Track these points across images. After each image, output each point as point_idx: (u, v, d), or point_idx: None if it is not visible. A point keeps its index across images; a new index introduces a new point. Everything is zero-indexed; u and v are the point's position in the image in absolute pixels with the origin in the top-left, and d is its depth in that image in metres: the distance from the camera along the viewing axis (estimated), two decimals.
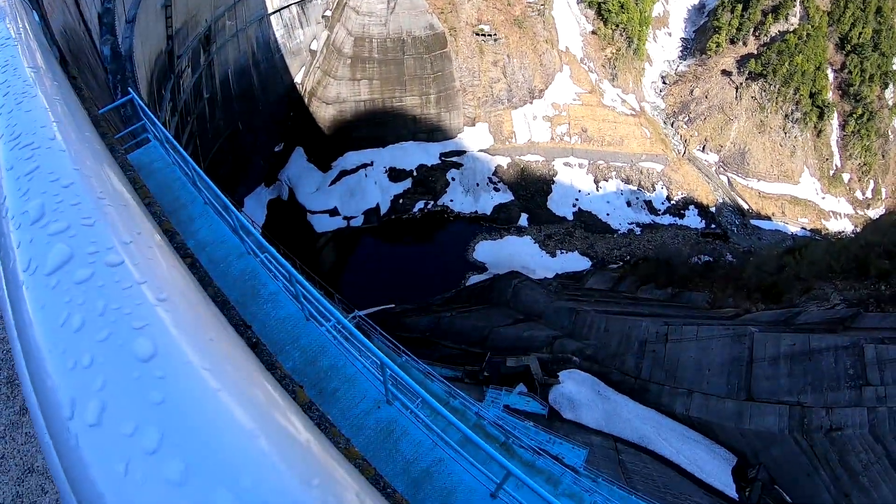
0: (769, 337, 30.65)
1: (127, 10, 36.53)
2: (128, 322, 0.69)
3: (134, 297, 0.71)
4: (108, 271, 0.73)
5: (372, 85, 60.60)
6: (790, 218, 78.76)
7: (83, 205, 0.87)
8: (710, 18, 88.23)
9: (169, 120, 44.66)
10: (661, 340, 34.61)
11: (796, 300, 44.25)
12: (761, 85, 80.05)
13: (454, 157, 61.83)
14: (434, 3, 61.62)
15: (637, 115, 70.54)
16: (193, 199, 8.16)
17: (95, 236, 0.80)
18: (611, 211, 64.92)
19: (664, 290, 51.14)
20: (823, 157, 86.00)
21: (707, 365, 31.64)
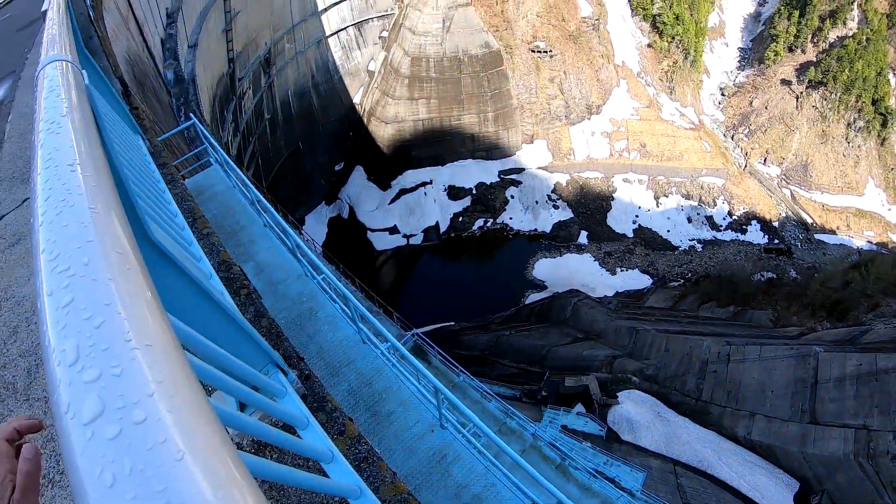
0: (835, 357, 29.97)
1: (189, 36, 38.50)
2: (151, 485, 0.71)
3: (156, 458, 0.74)
4: (134, 429, 0.78)
5: (430, 104, 61.87)
6: (855, 231, 76.49)
7: (112, 350, 0.93)
8: (766, 27, 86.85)
9: (231, 141, 46.41)
10: (723, 360, 34.08)
11: (863, 318, 43.07)
12: (822, 93, 78.25)
13: (513, 174, 62.41)
14: (489, 21, 62.55)
15: (696, 128, 69.90)
16: (253, 222, 8.41)
17: (123, 389, 0.85)
18: (671, 227, 64.32)
19: (726, 309, 50.52)
20: (888, 166, 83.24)
21: (770, 386, 31.00)
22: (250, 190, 7.78)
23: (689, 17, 74.50)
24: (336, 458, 3.04)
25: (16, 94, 14.59)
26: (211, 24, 43.07)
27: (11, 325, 5.46)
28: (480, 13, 62.33)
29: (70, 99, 2.20)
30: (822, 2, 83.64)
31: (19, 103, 13.55)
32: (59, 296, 1.02)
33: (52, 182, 1.50)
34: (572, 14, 65.83)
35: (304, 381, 4.03)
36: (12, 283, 6.14)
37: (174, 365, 0.90)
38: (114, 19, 21.90)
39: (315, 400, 4.00)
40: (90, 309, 0.96)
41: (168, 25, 35.07)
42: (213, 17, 43.87)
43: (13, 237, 7.06)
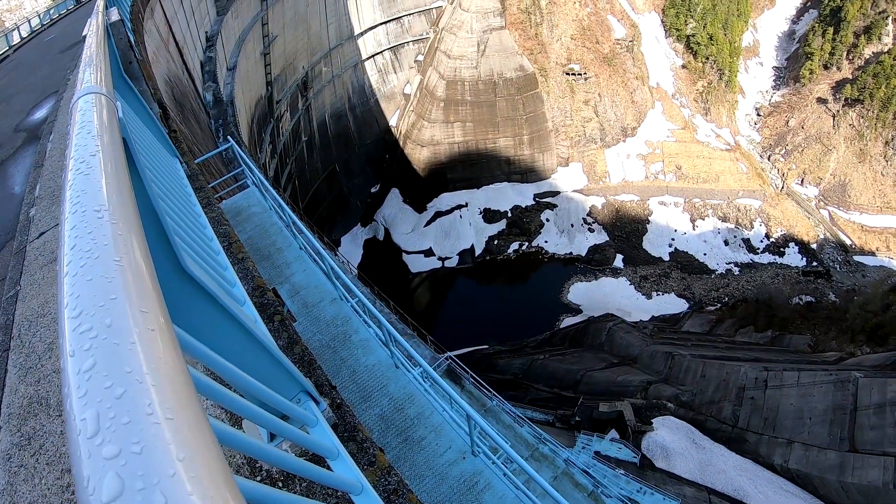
0: (875, 382, 29.48)
1: (228, 59, 39.87)
2: None
3: None
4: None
5: (465, 127, 62.97)
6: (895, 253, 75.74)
7: (133, 424, 0.90)
8: (801, 45, 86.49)
9: (269, 162, 47.65)
10: (760, 387, 33.74)
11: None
12: (859, 111, 77.63)
13: (548, 197, 63.11)
14: (523, 44, 63.65)
15: (732, 149, 69.88)
16: (289, 244, 8.45)
17: (143, 469, 0.83)
18: (708, 251, 64.31)
19: (764, 334, 50.23)
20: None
21: (808, 413, 30.53)
22: (286, 212, 7.91)
23: (722, 37, 74.73)
24: (365, 489, 3.01)
25: (58, 113, 15.43)
26: (249, 47, 44.50)
27: (47, 342, 5.47)
28: (515, 36, 63.54)
29: (102, 137, 2.23)
30: (857, 18, 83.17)
31: (60, 123, 14.32)
32: (80, 358, 1.01)
33: (78, 229, 1.49)
34: (606, 36, 66.54)
35: (336, 409, 4.03)
36: (49, 299, 6.17)
37: (197, 439, 0.89)
38: (154, 42, 22.80)
39: (346, 429, 3.96)
40: (112, 377, 0.94)
41: (207, 49, 36.49)
42: (251, 41, 45.28)
43: (51, 254, 7.20)
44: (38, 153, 12.73)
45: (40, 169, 11.39)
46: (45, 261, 7.30)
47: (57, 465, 4.04)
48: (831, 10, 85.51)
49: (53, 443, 4.33)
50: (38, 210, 9.15)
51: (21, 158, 14.21)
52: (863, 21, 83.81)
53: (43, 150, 12.66)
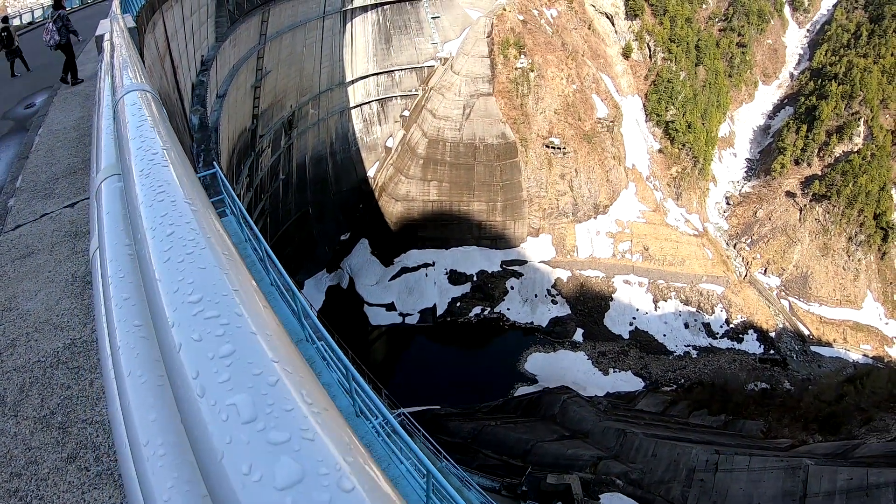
0: (825, 470, 29.91)
1: (219, 86, 40.12)
2: None
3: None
4: (345, 497, 0.75)
5: (441, 187, 63.48)
6: (852, 344, 76.51)
7: (297, 412, 0.88)
8: (774, 139, 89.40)
9: (243, 194, 47.35)
10: (711, 469, 33.95)
11: (855, 432, 43.77)
12: (825, 207, 79.97)
13: (515, 265, 63.46)
14: (507, 113, 64.70)
15: (700, 235, 71.28)
16: (261, 279, 8.35)
17: (322, 456, 0.80)
18: (668, 332, 64.97)
19: (717, 417, 50.31)
20: (887, 280, 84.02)
21: (757, 498, 30.72)
22: (262, 245, 7.90)
23: (700, 126, 76.98)
24: None
25: (49, 108, 14.99)
26: (241, 78, 44.69)
27: (10, 337, 5.32)
28: (500, 104, 64.55)
29: (159, 129, 2.29)
30: (830, 117, 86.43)
31: (52, 119, 13.88)
32: (215, 343, 0.99)
33: (171, 217, 1.53)
34: (589, 114, 68.06)
35: None
36: (17, 294, 6.04)
37: (347, 434, 0.92)
38: (151, 56, 23.01)
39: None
40: (258, 364, 0.94)
41: (201, 72, 36.65)
42: (244, 71, 45.55)
43: (25, 249, 7.17)
44: (25, 144, 12.29)
45: (24, 161, 10.97)
46: (18, 254, 7.11)
47: (6, 468, 4.01)
48: (806, 109, 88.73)
49: (5, 444, 4.25)
50: (16, 201, 8.76)
51: (4, 147, 13.66)
52: (836, 121, 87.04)
53: (30, 142, 12.20)
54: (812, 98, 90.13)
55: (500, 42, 66.10)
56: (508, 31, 67.13)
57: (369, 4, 65.07)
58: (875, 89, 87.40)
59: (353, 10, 63.72)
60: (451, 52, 68.77)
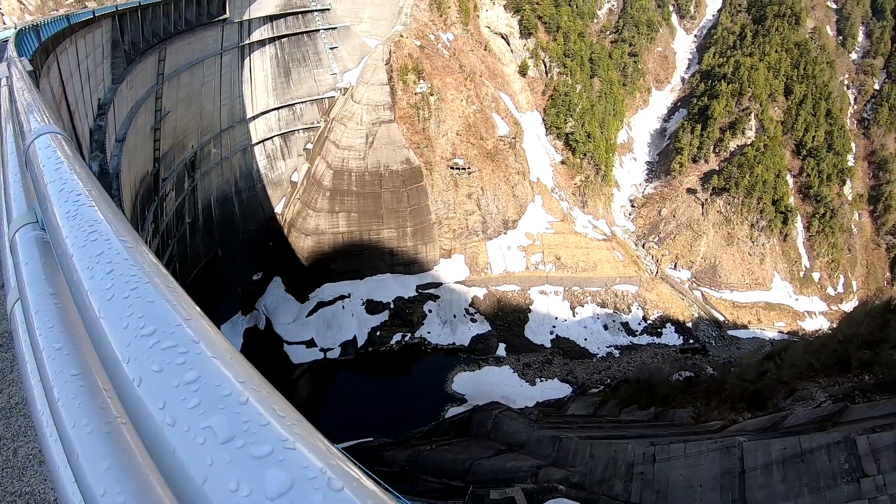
0: (759, 445, 29.50)
1: (118, 130, 38.38)
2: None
3: None
4: (335, 495, 0.76)
5: (350, 217, 63.11)
6: (766, 324, 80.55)
7: (272, 426, 0.89)
8: (671, 141, 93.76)
9: (150, 241, 45.32)
10: (649, 461, 34.30)
11: (782, 404, 44.57)
12: (725, 199, 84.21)
13: (431, 289, 63.68)
14: (410, 138, 65.25)
15: (608, 239, 73.51)
16: None
17: (305, 461, 0.80)
18: (588, 336, 66.29)
19: (647, 411, 51.10)
20: (792, 259, 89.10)
21: (698, 481, 30.64)
22: None
23: (599, 135, 79.74)
24: None
25: None
26: (140, 120, 43.15)
27: None
28: (403, 130, 65.04)
29: (76, 170, 2.22)
30: (722, 115, 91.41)
31: None
32: (178, 371, 1.02)
33: (108, 255, 1.51)
34: (490, 133, 69.40)
35: None
36: None
37: (320, 443, 0.94)
38: (47, 100, 21.48)
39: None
40: (225, 386, 0.99)
41: (98, 116, 35.07)
42: (143, 113, 44.06)
43: None
44: None
45: None
46: None
47: None
48: (699, 109, 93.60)
49: None
50: None
51: None
52: (728, 118, 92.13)
53: None
54: (704, 98, 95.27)
55: (398, 68, 66.84)
56: (406, 57, 68.03)
57: (267, 38, 64.76)
58: (762, 85, 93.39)
59: (250, 45, 63.19)
60: (351, 82, 68.96)
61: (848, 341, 48.53)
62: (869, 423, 28.57)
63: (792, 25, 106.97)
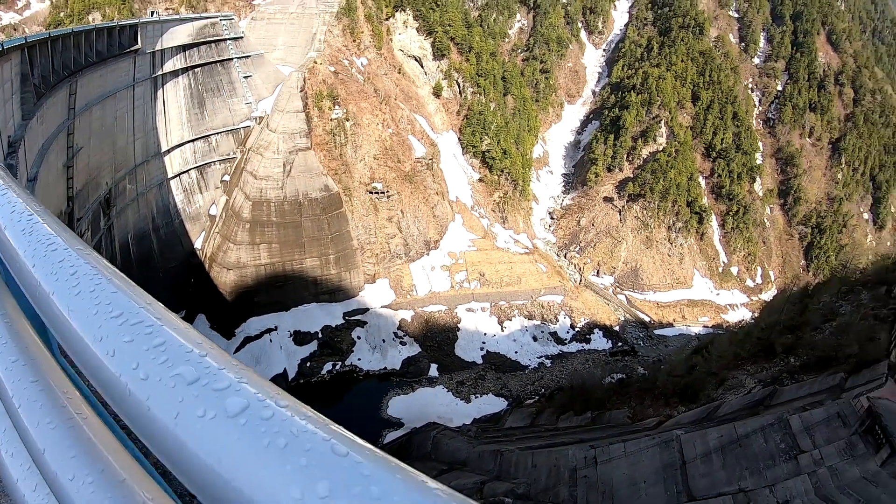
0: (696, 436, 32.09)
1: (29, 168, 37.31)
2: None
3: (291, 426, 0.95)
4: (281, 411, 1.01)
5: (271, 249, 64.10)
6: (691, 320, 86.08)
7: (231, 365, 1.13)
8: (586, 152, 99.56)
9: None
10: (591, 464, 35.54)
11: (713, 395, 44.99)
12: (642, 204, 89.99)
13: (358, 315, 65.46)
14: (328, 164, 67.02)
15: (531, 252, 77.51)
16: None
17: (259, 388, 1.07)
18: (518, 349, 69.38)
19: (584, 416, 53.09)
20: (710, 257, 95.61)
21: (642, 478, 32.50)
22: None
23: (515, 151, 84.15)
24: None
25: None
26: (52, 157, 42.39)
27: None
28: (320, 157, 66.71)
29: (21, 194, 2.46)
30: (634, 124, 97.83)
31: None
32: (146, 340, 1.25)
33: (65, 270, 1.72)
34: (407, 155, 72.34)
35: None
36: None
37: None
38: None
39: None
40: (189, 346, 1.21)
41: (9, 155, 33.64)
42: (55, 150, 43.23)
43: None
44: None
45: None
46: None
47: None
48: (611, 120, 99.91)
49: None
50: None
51: None
52: (639, 126, 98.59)
53: None
54: (615, 110, 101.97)
55: (313, 95, 68.62)
56: (321, 84, 69.94)
57: (180, 68, 65.10)
58: (670, 93, 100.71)
59: (163, 76, 63.30)
60: (266, 111, 70.12)
61: (770, 328, 51.21)
62: (799, 402, 32.05)
63: (696, 35, 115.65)
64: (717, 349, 58.33)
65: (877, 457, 25.02)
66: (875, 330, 37.62)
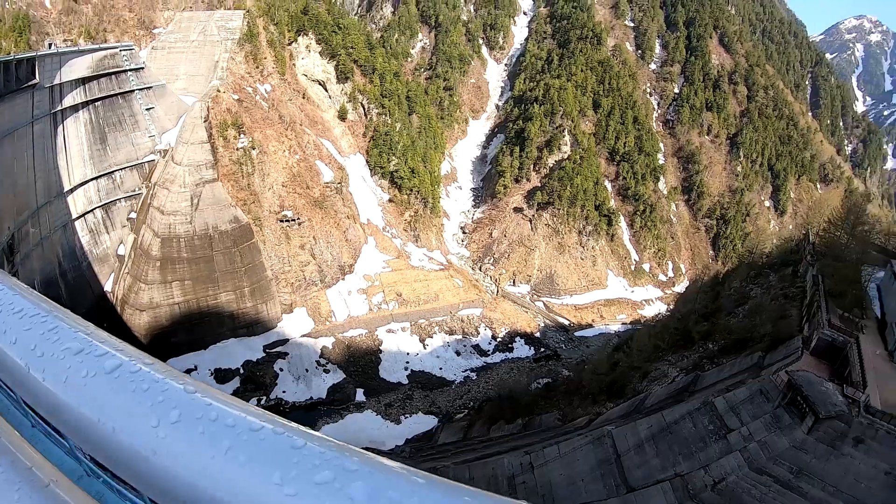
0: (626, 429, 33.36)
1: None
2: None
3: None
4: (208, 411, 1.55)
5: (184, 286, 64.15)
6: (609, 319, 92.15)
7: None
8: (493, 165, 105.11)
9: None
10: (528, 469, 36.54)
11: (639, 387, 47.79)
12: (551, 212, 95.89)
13: (278, 346, 66.54)
14: (236, 195, 67.79)
15: (446, 268, 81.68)
16: (20, 423, 10.51)
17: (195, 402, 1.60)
18: (443, 364, 72.34)
19: (515, 423, 54.87)
20: (622, 256, 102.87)
21: (579, 476, 33.51)
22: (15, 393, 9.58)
23: (423, 169, 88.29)
24: None
25: None
26: None
27: None
28: (228, 188, 67.33)
29: None
30: (538, 135, 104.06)
31: None
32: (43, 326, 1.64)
33: None
34: (315, 181, 74.84)
35: None
36: None
37: None
38: None
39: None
40: (78, 331, 1.68)
41: None
42: None
43: None
44: None
45: None
46: None
47: None
48: (516, 132, 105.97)
49: None
50: None
51: None
52: (544, 137, 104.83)
53: None
54: (519, 122, 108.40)
55: (217, 124, 69.18)
56: (225, 112, 70.74)
57: (80, 103, 63.75)
58: (572, 103, 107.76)
59: (63, 111, 61.93)
60: (171, 143, 69.49)
61: (686, 318, 54.74)
62: (722, 384, 34.17)
63: (594, 46, 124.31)
64: (638, 344, 60.78)
65: (802, 425, 26.89)
66: (785, 308, 40.55)
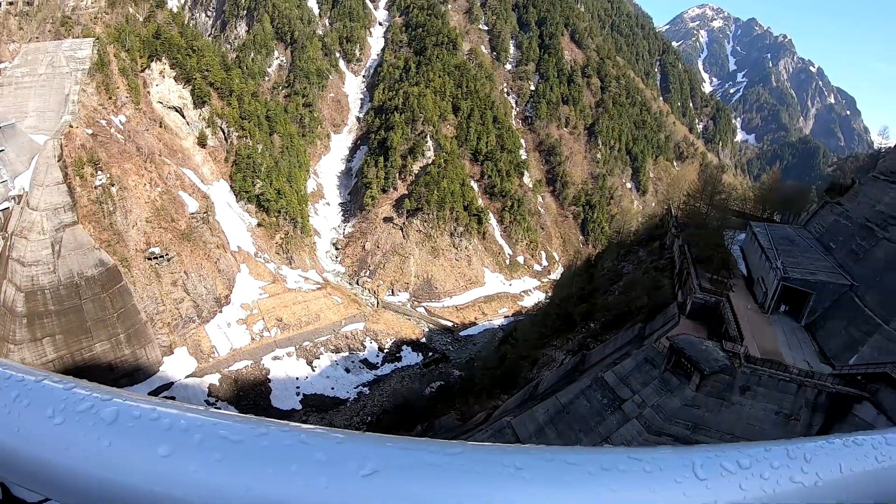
0: (524, 417, 35.46)
1: None
2: None
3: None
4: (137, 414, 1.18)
5: (56, 341, 63.30)
6: (491, 315, 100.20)
7: None
8: (359, 178, 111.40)
9: None
10: None
11: (530, 375, 50.53)
12: (421, 217, 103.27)
13: (163, 392, 66.92)
14: (99, 237, 67.61)
15: (323, 286, 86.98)
16: None
17: None
18: (334, 384, 76.79)
19: (415, 431, 56.52)
20: (496, 252, 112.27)
21: None
22: None
23: (289, 189, 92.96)
24: None
25: None
26: None
27: None
28: (89, 230, 66.82)
29: None
30: (401, 143, 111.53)
31: None
32: None
33: None
34: (181, 212, 77.03)
35: None
36: None
37: None
38: None
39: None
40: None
41: None
42: None
43: None
44: None
45: None
46: None
47: None
48: (378, 143, 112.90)
49: None
50: None
51: None
52: (406, 144, 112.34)
53: None
54: (381, 132, 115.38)
55: (73, 163, 68.32)
56: (80, 149, 69.81)
57: None
58: (432, 109, 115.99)
59: None
60: (24, 187, 67.15)
61: (565, 302, 58.67)
62: (609, 359, 36.56)
63: (450, 51, 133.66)
64: (522, 334, 64.71)
65: (690, 384, 29.21)
66: (658, 279, 43.75)
